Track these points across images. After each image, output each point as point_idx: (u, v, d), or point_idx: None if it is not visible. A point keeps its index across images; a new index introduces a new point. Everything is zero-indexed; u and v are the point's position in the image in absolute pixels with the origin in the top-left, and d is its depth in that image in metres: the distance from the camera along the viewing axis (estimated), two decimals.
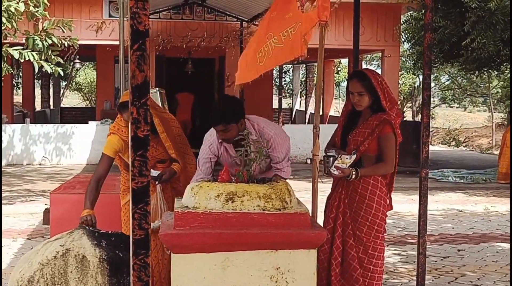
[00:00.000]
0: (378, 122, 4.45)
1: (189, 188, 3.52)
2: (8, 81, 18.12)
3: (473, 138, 28.91)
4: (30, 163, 15.09)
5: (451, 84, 31.75)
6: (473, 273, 6.32)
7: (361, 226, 4.44)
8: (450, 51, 13.37)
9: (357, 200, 4.45)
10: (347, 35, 14.54)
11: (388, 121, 4.43)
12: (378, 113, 4.47)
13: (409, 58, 19.08)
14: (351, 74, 4.65)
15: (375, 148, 4.49)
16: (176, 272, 3.26)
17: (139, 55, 2.29)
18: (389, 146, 4.51)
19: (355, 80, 4.48)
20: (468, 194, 11.59)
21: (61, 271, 3.77)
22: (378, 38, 16.11)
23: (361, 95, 4.41)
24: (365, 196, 4.43)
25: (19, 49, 8.52)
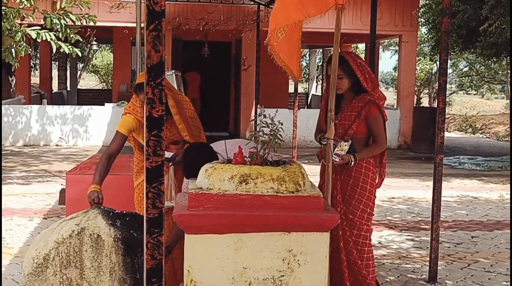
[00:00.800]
0: (363, 103, 4.48)
1: (203, 169, 3.53)
2: (26, 62, 18.20)
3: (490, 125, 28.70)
4: (46, 144, 15.19)
5: (469, 70, 31.49)
6: (486, 260, 6.31)
7: (355, 209, 4.50)
8: (468, 36, 13.24)
9: (351, 183, 4.50)
10: (365, 19, 14.45)
11: (374, 102, 4.46)
12: (361, 94, 4.50)
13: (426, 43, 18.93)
14: (328, 58, 4.64)
15: (364, 130, 4.53)
16: (190, 253, 3.29)
17: (155, 35, 2.30)
18: (379, 126, 4.55)
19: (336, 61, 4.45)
20: (483, 181, 11.53)
21: (76, 250, 3.80)
22: (396, 23, 15.98)
23: (340, 78, 4.43)
24: (359, 179, 4.49)
25: (37, 29, 8.54)
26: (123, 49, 19.59)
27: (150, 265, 2.46)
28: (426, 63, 29.30)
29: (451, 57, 24.84)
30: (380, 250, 6.55)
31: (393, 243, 6.86)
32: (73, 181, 6.43)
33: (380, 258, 6.26)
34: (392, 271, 5.85)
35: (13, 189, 9.40)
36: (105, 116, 15.43)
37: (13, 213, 7.76)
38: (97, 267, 3.81)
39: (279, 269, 3.33)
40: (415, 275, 5.74)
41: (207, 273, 3.28)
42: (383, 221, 7.92)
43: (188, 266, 3.29)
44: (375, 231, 7.28)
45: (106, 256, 3.81)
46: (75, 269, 3.80)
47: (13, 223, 7.26)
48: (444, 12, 5.40)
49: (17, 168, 11.49)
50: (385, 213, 8.38)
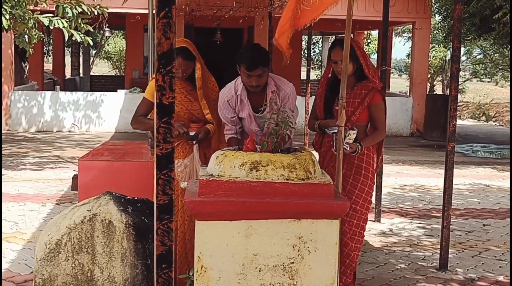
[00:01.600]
0: (366, 90, 4.46)
1: (214, 156, 3.54)
2: (39, 48, 18.25)
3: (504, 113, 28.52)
4: (59, 130, 15.27)
5: (483, 58, 31.26)
6: (498, 248, 6.30)
7: (358, 198, 4.49)
8: (482, 24, 13.15)
9: (354, 172, 4.49)
10: (378, 6, 14.36)
11: (377, 89, 4.45)
12: (362, 81, 4.48)
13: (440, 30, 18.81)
14: (332, 43, 4.65)
15: (366, 117, 4.53)
16: (200, 239, 3.30)
17: (165, 22, 2.31)
18: (381, 113, 4.55)
19: (338, 47, 4.45)
20: (496, 169, 11.49)
21: (88, 235, 3.83)
22: (409, 10, 15.89)
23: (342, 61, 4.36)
24: (362, 167, 4.49)
25: (49, 16, 8.56)
26: (136, 36, 19.61)
27: (160, 251, 2.48)
28: (439, 50, 29.07)
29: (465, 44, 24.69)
30: (391, 238, 6.55)
31: (404, 231, 6.86)
32: (85, 167, 6.45)
33: (391, 245, 6.27)
34: (402, 258, 5.85)
35: (26, 174, 9.47)
36: (117, 102, 15.48)
37: (26, 199, 7.82)
38: (108, 252, 3.84)
39: (289, 256, 3.33)
40: (426, 262, 5.74)
41: (218, 260, 3.30)
42: (395, 208, 7.92)
43: (199, 252, 3.30)
44: (386, 218, 7.32)
45: (118, 242, 3.84)
46: (87, 254, 3.83)
47: (26, 209, 7.32)
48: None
49: (30, 154, 11.57)
50: (396, 201, 8.38)
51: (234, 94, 4.61)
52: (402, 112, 16.26)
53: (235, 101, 4.61)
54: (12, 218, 6.86)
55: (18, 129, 15.10)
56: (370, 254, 5.93)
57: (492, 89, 38.37)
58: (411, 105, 16.28)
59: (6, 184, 8.65)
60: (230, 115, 4.63)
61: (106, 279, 3.85)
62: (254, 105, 4.60)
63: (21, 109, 15.20)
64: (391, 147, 13.42)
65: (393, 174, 10.34)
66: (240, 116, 4.65)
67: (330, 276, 3.37)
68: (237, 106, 4.61)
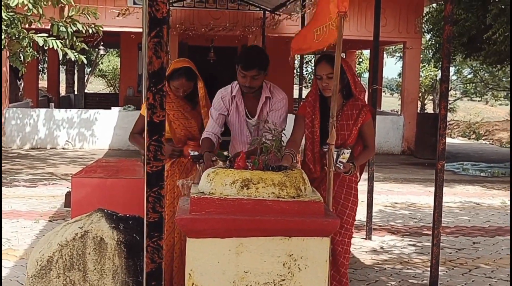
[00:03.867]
0: (357, 110, 4.39)
1: (205, 174, 3.54)
2: (34, 66, 18.28)
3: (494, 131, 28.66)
4: (53, 147, 15.24)
5: (473, 77, 31.46)
6: (487, 265, 6.30)
7: (349, 218, 4.45)
8: (471, 44, 13.25)
9: (345, 192, 4.45)
10: (369, 26, 14.42)
11: (368, 107, 4.42)
12: (350, 100, 4.42)
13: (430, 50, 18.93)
14: (318, 58, 4.52)
15: (356, 137, 4.47)
16: (191, 256, 3.29)
17: (156, 42, 2.31)
18: (372, 131, 4.53)
19: (323, 62, 4.37)
20: (486, 187, 11.51)
21: (79, 252, 3.82)
22: (400, 30, 15.99)
23: (330, 77, 4.28)
24: (352, 187, 4.46)
25: (44, 36, 8.60)
26: (130, 54, 19.63)
27: (150, 268, 2.47)
28: (430, 70, 29.27)
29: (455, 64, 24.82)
30: (382, 255, 6.54)
31: (395, 248, 6.85)
32: (78, 184, 6.44)
33: (381, 263, 6.26)
34: (393, 276, 5.84)
35: (19, 191, 9.44)
36: (111, 120, 15.47)
37: (19, 215, 7.79)
38: (100, 269, 3.82)
39: (280, 273, 3.33)
40: (416, 280, 5.74)
41: (208, 277, 3.29)
42: (386, 226, 7.92)
43: (190, 269, 3.29)
44: (377, 236, 7.33)
45: (109, 258, 3.82)
46: (78, 271, 3.82)
47: (19, 225, 7.28)
48: (446, 20, 5.40)
49: (24, 170, 11.53)
50: (387, 219, 8.38)
51: (229, 93, 4.65)
52: (393, 130, 16.31)
53: (229, 101, 4.65)
54: (4, 235, 6.82)
55: (12, 146, 15.05)
56: (361, 272, 5.92)
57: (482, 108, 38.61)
58: (402, 124, 16.32)
59: None
60: (219, 112, 4.65)
61: None
62: (248, 109, 4.62)
63: (15, 126, 15.18)
64: (382, 165, 13.43)
65: (384, 192, 10.35)
66: (232, 120, 4.66)
67: None
68: (230, 107, 4.63)
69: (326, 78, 4.32)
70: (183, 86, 4.74)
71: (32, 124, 15.28)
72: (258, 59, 4.43)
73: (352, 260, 6.20)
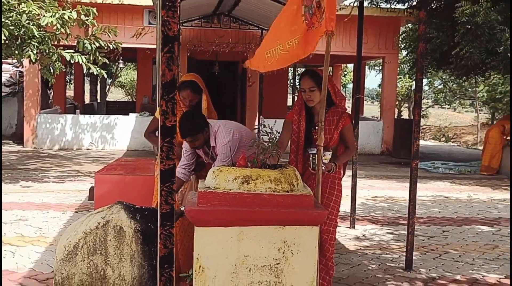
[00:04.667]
0: (337, 116, 4.37)
1: (211, 171, 3.54)
2: (62, 78, 18.27)
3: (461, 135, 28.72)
4: (79, 148, 15.23)
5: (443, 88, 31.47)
6: (455, 251, 6.31)
7: (333, 209, 4.44)
8: (442, 59, 13.25)
9: (329, 187, 4.44)
10: (353, 43, 14.46)
11: (347, 113, 4.41)
12: (331, 107, 4.38)
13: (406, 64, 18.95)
14: (302, 73, 4.50)
15: (337, 139, 4.45)
16: (198, 243, 3.29)
17: (168, 57, 2.32)
18: (351, 134, 4.49)
19: (306, 77, 4.36)
20: (454, 183, 11.52)
21: (101, 239, 3.81)
22: (380, 47, 16.01)
23: (312, 91, 4.29)
24: (335, 182, 4.45)
25: (71, 52, 8.60)
26: (146, 67, 19.63)
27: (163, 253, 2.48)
28: (406, 81, 29.27)
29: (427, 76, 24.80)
30: (364, 242, 6.55)
31: (375, 236, 6.85)
32: (101, 180, 6.45)
33: (363, 248, 6.26)
34: (374, 260, 5.84)
35: (49, 186, 9.43)
36: (129, 125, 15.46)
37: (49, 207, 7.78)
38: (119, 254, 3.82)
39: (275, 257, 3.33)
40: (394, 263, 5.74)
41: (213, 260, 3.28)
42: (367, 217, 7.92)
43: (197, 254, 3.29)
44: (360, 225, 7.32)
45: (127, 245, 3.82)
46: (100, 256, 3.81)
47: (48, 216, 7.28)
48: (420, 38, 5.41)
49: (53, 168, 11.52)
50: (368, 210, 8.38)
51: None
52: (374, 134, 16.31)
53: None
54: (36, 224, 6.82)
55: (43, 147, 15.04)
56: (345, 256, 5.92)
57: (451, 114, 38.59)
58: (381, 128, 16.32)
59: (32, 195, 8.61)
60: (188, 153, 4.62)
61: (117, 277, 3.83)
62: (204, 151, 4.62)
63: (46, 130, 15.16)
64: (364, 164, 13.44)
65: (365, 187, 10.35)
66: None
67: (310, 275, 3.37)
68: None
69: (309, 91, 4.32)
70: (188, 96, 4.78)
71: (60, 128, 15.26)
72: (188, 128, 4.31)
73: (338, 246, 6.20)
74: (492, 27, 10.94)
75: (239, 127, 4.58)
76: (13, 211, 7.46)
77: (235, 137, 4.41)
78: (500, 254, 6.20)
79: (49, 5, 8.45)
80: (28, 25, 8.16)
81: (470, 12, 10.88)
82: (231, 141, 4.39)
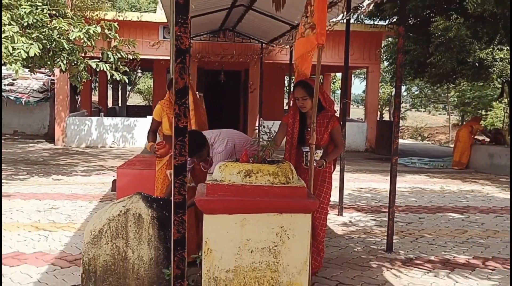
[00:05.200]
0: (327, 119, 4.38)
1: (217, 166, 3.54)
2: (88, 85, 18.27)
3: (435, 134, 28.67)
4: (103, 146, 15.23)
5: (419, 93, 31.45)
6: (430, 235, 6.30)
7: (324, 199, 4.46)
8: (418, 68, 13.26)
9: (320, 180, 4.45)
10: (341, 55, 14.46)
11: (336, 117, 4.41)
12: (322, 112, 4.40)
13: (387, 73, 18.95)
14: (295, 84, 4.51)
15: (328, 139, 4.46)
16: (207, 228, 3.30)
17: (181, 67, 2.32)
18: (340, 135, 4.50)
19: (299, 87, 4.37)
20: (429, 176, 11.51)
21: (123, 225, 3.82)
22: (364, 58, 15.99)
23: (304, 99, 4.31)
24: (326, 176, 4.47)
25: (96, 61, 8.60)
26: (161, 76, 19.61)
27: (176, 237, 2.48)
28: (387, 88, 29.28)
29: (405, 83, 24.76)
30: (351, 227, 6.54)
31: (360, 222, 6.85)
32: (122, 173, 6.45)
33: (350, 233, 6.26)
34: (359, 243, 5.84)
35: (77, 179, 9.44)
36: (147, 126, 15.42)
37: (77, 197, 7.79)
38: (138, 238, 3.83)
39: (274, 240, 3.33)
40: (376, 246, 5.74)
41: (220, 243, 3.29)
42: (353, 205, 7.92)
43: (206, 237, 3.30)
44: (347, 213, 7.31)
45: (145, 230, 3.83)
46: (122, 239, 3.82)
47: (77, 205, 7.29)
48: (399, 50, 5.41)
49: (80, 163, 11.53)
50: (354, 200, 8.38)
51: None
52: (359, 133, 16.30)
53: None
54: (66, 212, 6.83)
55: (72, 145, 15.04)
56: (334, 240, 5.92)
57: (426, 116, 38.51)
58: (365, 129, 16.31)
59: (62, 186, 8.61)
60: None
61: (136, 258, 3.84)
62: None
63: (74, 130, 15.16)
64: (350, 159, 13.43)
65: (352, 180, 10.34)
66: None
67: (304, 256, 3.37)
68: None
69: (302, 99, 4.34)
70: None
71: (87, 128, 15.27)
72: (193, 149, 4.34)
73: (328, 231, 6.20)
74: (462, 40, 10.94)
75: (232, 135, 4.52)
76: (46, 200, 7.47)
77: (228, 147, 4.41)
78: (468, 238, 6.20)
79: (77, 22, 8.45)
80: (59, 39, 8.15)
81: (443, 27, 10.88)
82: (224, 150, 4.39)
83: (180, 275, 2.52)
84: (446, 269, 5.02)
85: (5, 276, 4.41)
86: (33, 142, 15.77)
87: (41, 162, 11.44)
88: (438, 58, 11.41)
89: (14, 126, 18.09)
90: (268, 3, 7.45)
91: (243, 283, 3.32)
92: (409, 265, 5.10)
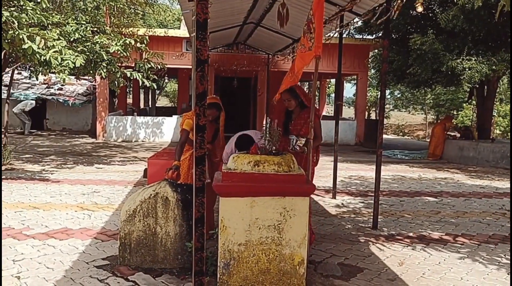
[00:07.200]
0: (308, 115, 4.44)
1: (231, 157, 3.55)
2: (123, 90, 18.34)
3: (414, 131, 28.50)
4: (136, 141, 15.28)
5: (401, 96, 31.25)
6: (409, 215, 6.28)
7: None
8: (400, 75, 13.19)
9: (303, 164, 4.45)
10: (335, 64, 14.39)
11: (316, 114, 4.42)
12: (304, 109, 4.53)
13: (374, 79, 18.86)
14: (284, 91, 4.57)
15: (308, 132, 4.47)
16: (222, 209, 3.31)
17: (200, 75, 2.33)
18: (319, 128, 4.52)
19: (285, 91, 4.49)
20: (409, 166, 11.44)
21: (152, 206, 3.85)
22: (354, 66, 15.90)
23: (289, 100, 4.50)
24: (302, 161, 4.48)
25: (130, 71, 8.62)
26: (184, 82, 19.64)
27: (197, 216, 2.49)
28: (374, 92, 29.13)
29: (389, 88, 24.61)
30: (342, 209, 6.53)
31: (350, 204, 6.84)
32: (152, 163, 6.47)
33: (342, 213, 6.25)
34: (349, 222, 5.83)
35: (115, 168, 9.49)
36: (172, 123, 15.50)
37: (115, 183, 7.83)
38: (165, 217, 3.85)
39: (278, 219, 3.34)
40: (364, 224, 5.72)
41: (233, 221, 3.31)
42: (345, 190, 7.90)
43: (221, 216, 3.31)
44: (339, 196, 7.29)
45: (171, 210, 3.85)
46: (152, 218, 3.85)
47: (114, 189, 7.33)
48: (384, 60, 5.38)
49: (117, 155, 11.59)
50: (346, 185, 8.36)
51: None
52: (350, 130, 16.23)
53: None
54: (106, 195, 6.87)
55: (110, 140, 15.12)
56: (328, 219, 5.92)
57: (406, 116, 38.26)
58: (355, 126, 16.24)
59: (103, 174, 8.66)
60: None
61: (164, 233, 3.86)
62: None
63: (113, 127, 15.23)
64: (342, 152, 13.39)
65: (343, 169, 10.31)
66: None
67: (303, 232, 3.38)
68: None
69: (287, 101, 4.52)
70: (212, 113, 4.72)
71: (123, 126, 15.33)
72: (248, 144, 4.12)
73: (323, 212, 6.21)
74: (436, 52, 10.86)
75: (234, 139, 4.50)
76: (89, 185, 7.52)
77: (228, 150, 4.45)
78: (441, 218, 6.17)
79: (114, 37, 8.47)
80: (100, 52, 8.18)
81: (420, 42, 10.80)
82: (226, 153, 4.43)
83: (200, 247, 2.54)
84: (422, 244, 5.00)
85: (55, 248, 4.46)
86: (78, 137, 15.87)
87: (85, 154, 11.52)
88: (416, 67, 11.35)
89: (63, 124, 18.24)
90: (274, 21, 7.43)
91: (252, 254, 3.33)
92: (391, 240, 5.09)
